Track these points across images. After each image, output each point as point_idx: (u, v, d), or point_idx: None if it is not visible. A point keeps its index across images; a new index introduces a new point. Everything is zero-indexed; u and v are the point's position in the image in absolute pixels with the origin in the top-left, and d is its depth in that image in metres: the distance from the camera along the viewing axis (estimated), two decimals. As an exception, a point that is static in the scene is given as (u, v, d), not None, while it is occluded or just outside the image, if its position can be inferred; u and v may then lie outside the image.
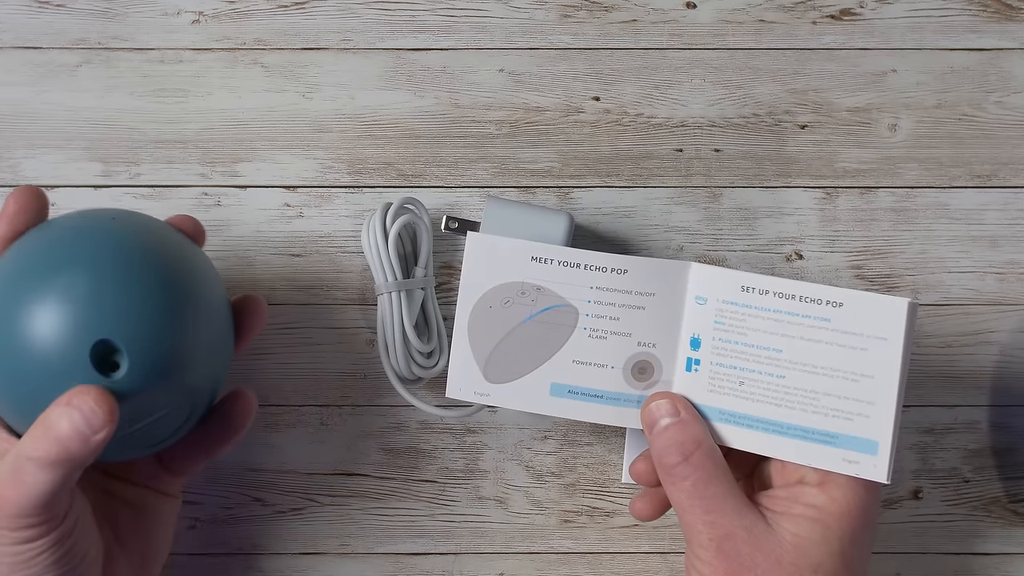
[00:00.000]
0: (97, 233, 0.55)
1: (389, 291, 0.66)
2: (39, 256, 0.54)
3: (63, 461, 0.51)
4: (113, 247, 0.54)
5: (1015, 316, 0.71)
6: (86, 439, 0.51)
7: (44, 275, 0.53)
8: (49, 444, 0.51)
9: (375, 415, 0.70)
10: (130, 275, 0.54)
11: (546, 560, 0.71)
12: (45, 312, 0.52)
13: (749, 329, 0.60)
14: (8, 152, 0.70)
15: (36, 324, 0.52)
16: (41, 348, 0.52)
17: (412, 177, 0.71)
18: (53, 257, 0.54)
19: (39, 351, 0.52)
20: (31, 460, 0.51)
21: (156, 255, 0.55)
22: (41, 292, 0.52)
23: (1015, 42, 0.71)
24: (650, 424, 0.60)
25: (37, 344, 0.52)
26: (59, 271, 0.53)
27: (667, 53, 0.71)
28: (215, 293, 0.58)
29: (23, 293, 0.53)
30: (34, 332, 0.52)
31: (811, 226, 0.71)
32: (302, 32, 0.71)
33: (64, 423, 0.51)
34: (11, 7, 0.70)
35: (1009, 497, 0.71)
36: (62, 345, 0.52)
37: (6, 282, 0.54)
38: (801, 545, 0.56)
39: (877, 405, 0.58)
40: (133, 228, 0.56)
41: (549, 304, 0.62)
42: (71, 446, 0.51)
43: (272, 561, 0.70)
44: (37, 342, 0.52)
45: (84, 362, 0.52)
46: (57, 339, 0.52)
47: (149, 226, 0.57)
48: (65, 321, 0.52)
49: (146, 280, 0.54)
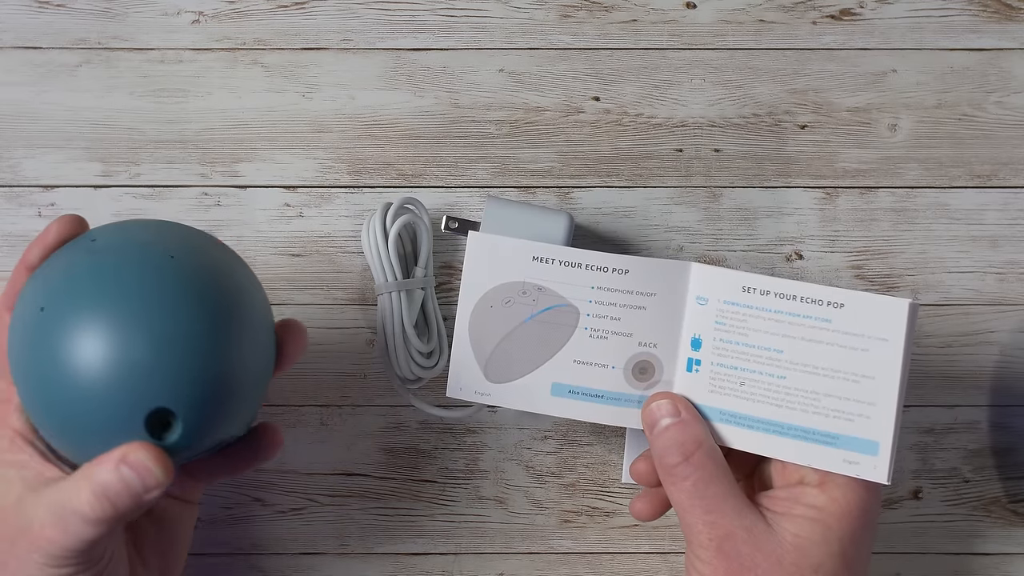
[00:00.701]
0: (157, 279, 0.53)
1: (389, 291, 0.66)
2: (95, 293, 0.52)
3: (111, 519, 0.51)
4: (173, 304, 0.52)
5: (1015, 316, 0.71)
6: (138, 498, 0.51)
7: (101, 324, 0.51)
8: (98, 502, 0.50)
9: (375, 415, 0.70)
10: (189, 340, 0.52)
11: (546, 560, 0.71)
12: (102, 371, 0.51)
13: (750, 329, 0.60)
14: (8, 152, 0.70)
15: (91, 379, 0.51)
16: (94, 405, 0.51)
17: (412, 177, 0.71)
18: (110, 303, 0.51)
19: (91, 404, 0.51)
20: (76, 514, 0.50)
21: (214, 306, 0.53)
22: (99, 346, 0.51)
23: (1015, 42, 0.71)
24: (651, 424, 0.60)
25: (90, 397, 0.51)
26: (118, 326, 0.51)
27: (667, 53, 0.71)
28: (265, 328, 0.57)
29: (77, 333, 0.51)
30: (88, 385, 0.51)
31: (811, 226, 0.71)
32: (302, 32, 0.71)
33: (115, 482, 0.50)
34: (11, 7, 0.70)
35: (1009, 497, 0.71)
36: (116, 409, 0.51)
37: (60, 310, 0.52)
38: (801, 545, 0.56)
39: (878, 406, 0.58)
40: (191, 270, 0.54)
41: (550, 304, 0.62)
42: (121, 504, 0.51)
43: (272, 561, 0.70)
44: (90, 396, 0.51)
45: (138, 427, 0.51)
46: (112, 402, 0.51)
47: (206, 263, 0.55)
48: (122, 388, 0.51)
49: (205, 343, 0.52)
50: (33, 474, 0.53)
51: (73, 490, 0.51)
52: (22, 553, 0.52)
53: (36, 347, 0.52)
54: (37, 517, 0.51)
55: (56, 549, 0.51)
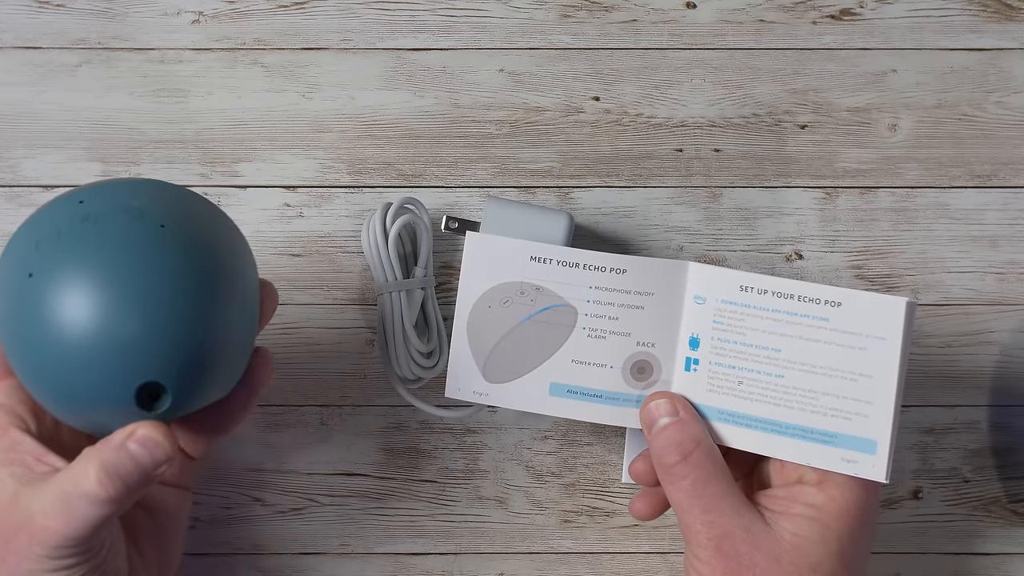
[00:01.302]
0: (149, 252, 0.52)
1: (389, 291, 0.66)
2: (86, 265, 0.51)
3: (121, 498, 0.51)
4: (165, 279, 0.52)
5: (1015, 316, 0.70)
6: (148, 475, 0.51)
7: (93, 299, 0.51)
8: (109, 480, 0.50)
9: (375, 415, 0.70)
10: (180, 316, 0.52)
11: (546, 560, 0.71)
12: (93, 346, 0.51)
13: (748, 329, 0.60)
14: (8, 152, 0.70)
15: (82, 353, 0.51)
16: (85, 377, 0.51)
17: (412, 177, 0.71)
18: (102, 278, 0.51)
19: (83, 376, 0.51)
20: (84, 496, 0.50)
21: (206, 279, 0.53)
22: (90, 320, 0.51)
23: (1015, 42, 0.71)
24: (649, 423, 0.60)
25: (81, 369, 0.51)
26: (110, 302, 0.51)
27: (667, 53, 0.71)
28: (252, 291, 0.57)
29: (68, 305, 0.51)
30: (79, 358, 0.51)
31: (811, 226, 0.71)
32: (302, 32, 0.71)
33: (124, 459, 0.51)
34: (11, 7, 0.70)
35: (1009, 497, 0.71)
36: (108, 383, 0.51)
37: (51, 279, 0.52)
38: (800, 544, 0.56)
39: (876, 404, 0.58)
40: (182, 241, 0.53)
41: (548, 304, 0.62)
42: (132, 482, 0.51)
43: (272, 561, 0.70)
44: (82, 368, 0.51)
45: (129, 399, 0.51)
46: (104, 377, 0.51)
47: (197, 230, 0.54)
48: (113, 363, 0.51)
49: (196, 318, 0.52)
50: (23, 470, 0.53)
51: (79, 474, 0.51)
52: (20, 548, 0.51)
53: (26, 315, 0.52)
54: (38, 509, 0.51)
55: (59, 539, 0.51)
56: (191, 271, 0.53)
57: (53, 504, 0.51)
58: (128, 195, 0.54)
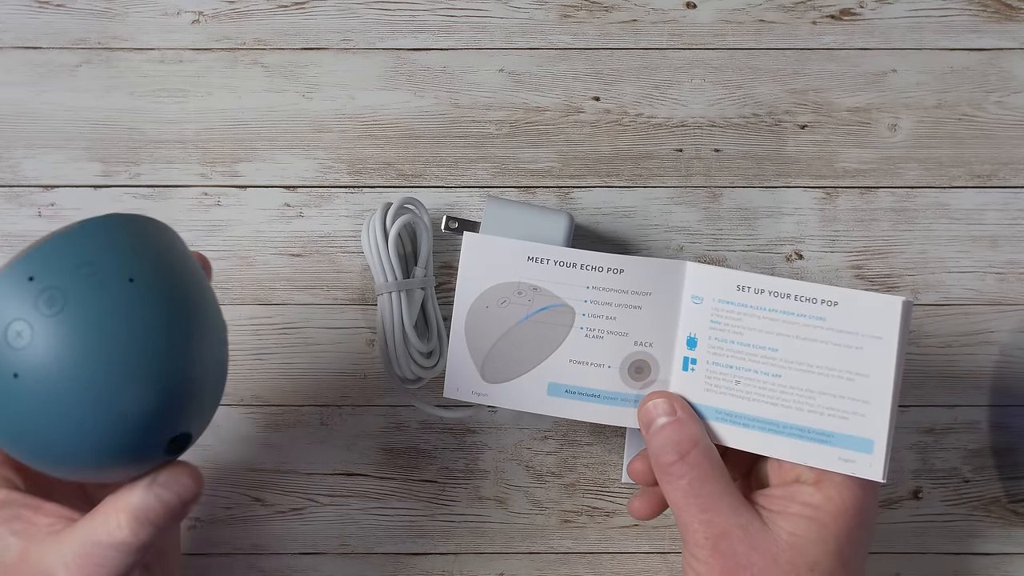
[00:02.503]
0: (128, 313, 0.48)
1: (389, 291, 0.66)
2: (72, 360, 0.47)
3: (152, 542, 0.50)
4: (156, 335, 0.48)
5: (1015, 316, 0.70)
6: (178, 516, 0.51)
7: (90, 391, 0.48)
8: (140, 526, 0.50)
9: (375, 415, 0.70)
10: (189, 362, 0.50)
11: (546, 560, 0.71)
12: (116, 431, 0.48)
13: (745, 328, 0.60)
14: (8, 152, 0.70)
15: (103, 441, 0.48)
16: (113, 458, 0.49)
17: (412, 177, 0.71)
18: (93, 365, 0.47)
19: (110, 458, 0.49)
20: (118, 546, 0.49)
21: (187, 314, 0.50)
22: (97, 409, 0.48)
23: (1015, 42, 0.71)
24: (647, 423, 0.60)
25: (108, 453, 0.49)
26: (118, 386, 0.48)
27: (667, 53, 0.71)
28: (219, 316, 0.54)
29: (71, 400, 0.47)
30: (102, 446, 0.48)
31: (811, 226, 0.71)
32: (302, 32, 0.71)
33: (153, 503, 0.50)
34: (11, 7, 0.70)
35: (1009, 497, 0.71)
36: (139, 452, 0.50)
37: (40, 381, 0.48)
38: (797, 544, 0.56)
39: (872, 404, 0.58)
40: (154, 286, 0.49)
41: (546, 304, 0.62)
42: (162, 524, 0.50)
43: (272, 561, 0.70)
44: (107, 452, 0.49)
45: (159, 455, 0.50)
46: (132, 453, 0.49)
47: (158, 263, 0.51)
48: (138, 438, 0.49)
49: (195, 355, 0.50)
50: (24, 526, 0.52)
51: (104, 524, 0.50)
52: None
53: (26, 422, 0.48)
54: (59, 563, 0.50)
55: None
56: (175, 316, 0.50)
57: (77, 557, 0.49)
58: (75, 252, 0.49)
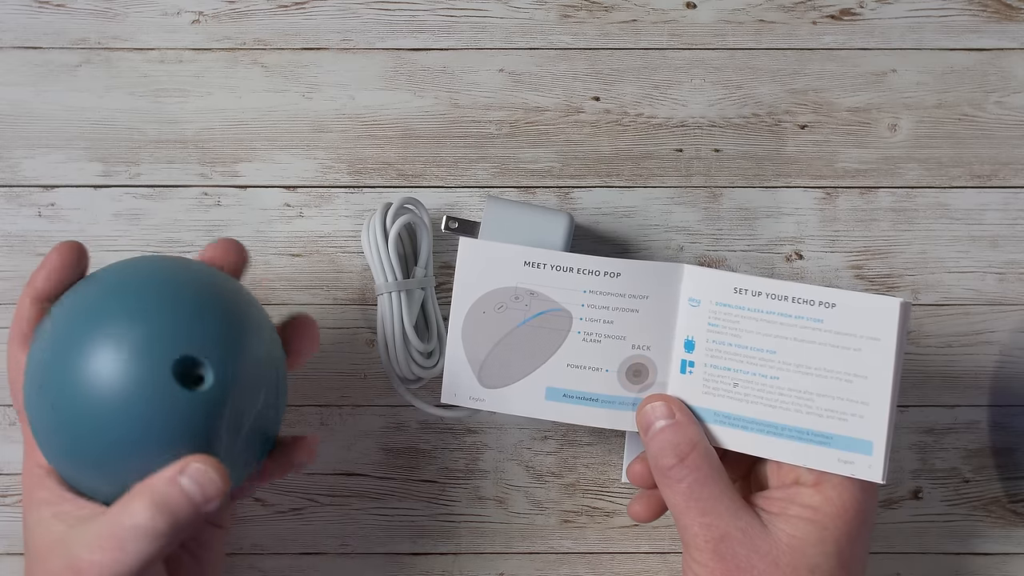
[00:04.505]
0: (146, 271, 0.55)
1: (389, 291, 0.66)
2: (101, 303, 0.54)
3: (171, 532, 0.51)
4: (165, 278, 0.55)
5: (1015, 316, 0.70)
6: (198, 509, 0.51)
7: (109, 317, 0.52)
8: (160, 514, 0.50)
9: (375, 415, 0.70)
10: (197, 297, 0.54)
11: (546, 560, 0.71)
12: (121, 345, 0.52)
13: (742, 331, 0.60)
14: (8, 152, 0.70)
15: (114, 361, 0.52)
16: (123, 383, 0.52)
17: (412, 177, 0.71)
18: (113, 301, 0.53)
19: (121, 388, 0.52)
20: (136, 529, 0.50)
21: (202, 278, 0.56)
22: (111, 329, 0.52)
23: (1015, 42, 0.71)
24: (645, 427, 0.60)
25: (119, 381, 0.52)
26: (120, 315, 0.53)
27: (667, 53, 0.71)
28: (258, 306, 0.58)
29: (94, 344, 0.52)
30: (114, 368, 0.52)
31: (811, 226, 0.71)
32: (302, 32, 0.71)
33: (176, 493, 0.51)
34: (11, 7, 0.70)
35: (1009, 497, 0.71)
36: (144, 371, 0.52)
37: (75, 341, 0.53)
38: (797, 546, 0.56)
39: (871, 405, 0.58)
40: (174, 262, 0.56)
41: (543, 308, 0.62)
42: (181, 515, 0.51)
43: (272, 561, 0.70)
44: (118, 377, 0.52)
45: (168, 380, 0.52)
46: (138, 366, 0.52)
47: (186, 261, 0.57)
48: (143, 346, 0.52)
49: (209, 298, 0.54)
50: (67, 510, 0.54)
51: (128, 509, 0.51)
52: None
53: None
54: (84, 545, 0.51)
55: (107, 574, 0.51)
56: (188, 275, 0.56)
57: (100, 540, 0.51)
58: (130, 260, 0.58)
